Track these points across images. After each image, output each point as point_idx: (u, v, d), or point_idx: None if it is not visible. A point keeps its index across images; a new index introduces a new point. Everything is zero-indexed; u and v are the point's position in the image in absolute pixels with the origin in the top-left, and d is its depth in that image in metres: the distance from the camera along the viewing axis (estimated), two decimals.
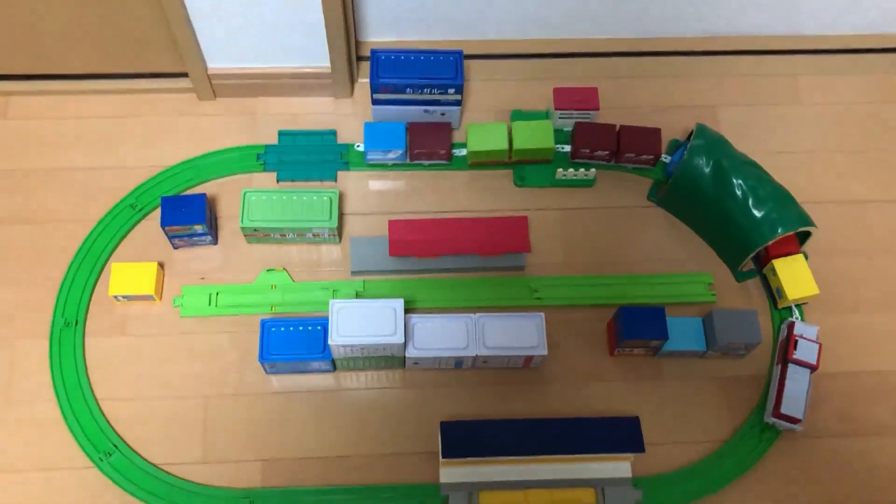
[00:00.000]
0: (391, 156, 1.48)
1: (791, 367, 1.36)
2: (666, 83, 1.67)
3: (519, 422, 1.30)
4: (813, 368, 1.35)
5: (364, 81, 1.62)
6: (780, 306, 1.45)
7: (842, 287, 1.50)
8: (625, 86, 1.66)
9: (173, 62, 1.54)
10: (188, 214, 1.40)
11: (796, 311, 1.44)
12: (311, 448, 1.34)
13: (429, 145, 1.50)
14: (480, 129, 1.51)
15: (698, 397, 1.41)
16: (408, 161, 1.53)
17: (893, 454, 1.39)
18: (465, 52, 1.64)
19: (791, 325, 1.40)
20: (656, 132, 1.51)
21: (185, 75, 1.56)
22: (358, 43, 1.64)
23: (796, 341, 1.36)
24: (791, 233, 1.39)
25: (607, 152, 1.51)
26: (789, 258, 1.43)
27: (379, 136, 1.49)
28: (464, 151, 1.53)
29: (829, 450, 1.38)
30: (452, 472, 1.30)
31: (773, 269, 1.43)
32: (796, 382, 1.35)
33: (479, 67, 1.65)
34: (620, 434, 1.29)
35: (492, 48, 1.67)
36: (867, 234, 1.55)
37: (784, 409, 1.34)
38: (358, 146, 1.53)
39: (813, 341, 1.37)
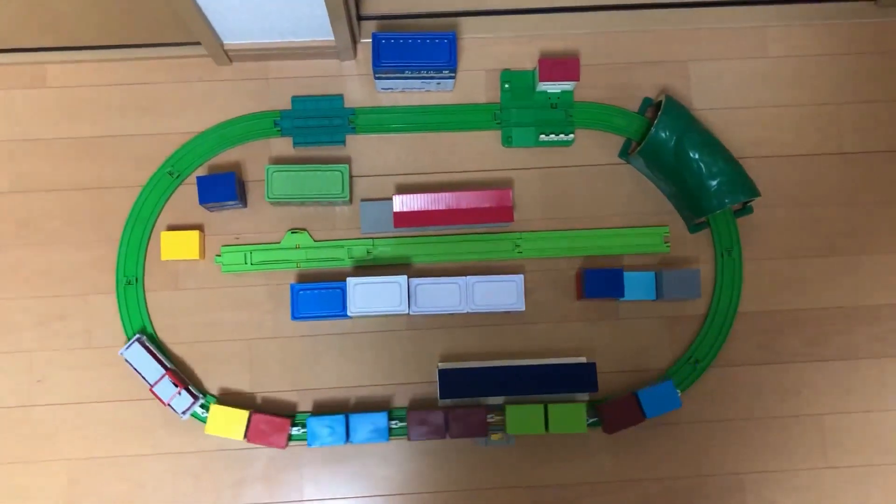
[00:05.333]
0: None
1: None
2: (642, 38, 1.79)
3: (500, 368, 1.63)
4: None
5: (366, 42, 1.76)
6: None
7: (778, 236, 1.75)
8: (605, 40, 1.79)
9: (190, 35, 1.68)
10: (221, 192, 1.63)
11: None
12: (335, 379, 1.69)
13: None
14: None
15: (647, 334, 1.72)
16: None
17: (801, 376, 1.73)
18: (457, 8, 1.77)
19: None
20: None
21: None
22: (358, 2, 1.76)
23: None
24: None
25: None
26: None
27: None
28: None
29: (747, 376, 1.72)
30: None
31: None
32: None
33: (469, 24, 1.78)
34: (580, 377, 1.62)
35: (481, 3, 1.78)
36: (813, 186, 1.77)
37: None
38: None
39: None
